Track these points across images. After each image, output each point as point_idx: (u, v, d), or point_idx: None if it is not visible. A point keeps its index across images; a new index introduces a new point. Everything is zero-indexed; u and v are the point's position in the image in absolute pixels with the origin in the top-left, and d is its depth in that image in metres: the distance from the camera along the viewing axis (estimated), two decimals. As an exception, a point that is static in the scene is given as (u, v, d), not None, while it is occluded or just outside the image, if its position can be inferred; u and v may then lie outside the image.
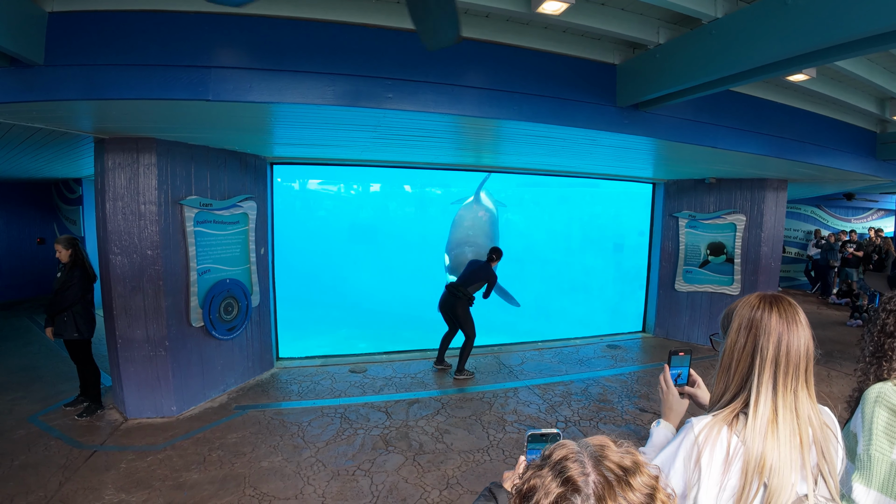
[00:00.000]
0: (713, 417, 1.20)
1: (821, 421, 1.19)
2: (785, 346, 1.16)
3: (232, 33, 3.14)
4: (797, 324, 1.17)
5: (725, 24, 3.06)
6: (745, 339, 1.20)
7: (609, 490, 0.71)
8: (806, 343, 1.17)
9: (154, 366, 4.70)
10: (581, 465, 0.74)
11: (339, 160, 6.51)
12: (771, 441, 1.11)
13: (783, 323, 1.17)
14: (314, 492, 3.64)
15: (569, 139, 4.59)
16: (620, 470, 0.73)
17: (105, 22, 3.05)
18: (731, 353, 1.23)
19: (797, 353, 1.16)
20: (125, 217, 4.51)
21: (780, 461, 1.10)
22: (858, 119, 5.70)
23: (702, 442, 1.16)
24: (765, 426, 1.13)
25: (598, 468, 0.73)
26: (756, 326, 1.19)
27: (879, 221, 14.21)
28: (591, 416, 5.02)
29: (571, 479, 0.72)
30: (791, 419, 1.14)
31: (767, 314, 1.19)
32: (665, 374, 1.53)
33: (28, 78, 3.05)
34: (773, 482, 1.09)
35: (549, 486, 0.73)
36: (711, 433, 1.16)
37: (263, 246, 5.94)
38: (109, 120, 3.86)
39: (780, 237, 7.62)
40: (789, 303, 1.21)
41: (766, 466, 1.10)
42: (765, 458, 1.10)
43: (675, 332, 8.12)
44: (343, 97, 3.32)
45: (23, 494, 3.47)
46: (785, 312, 1.18)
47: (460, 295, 6.13)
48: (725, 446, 1.14)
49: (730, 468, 1.13)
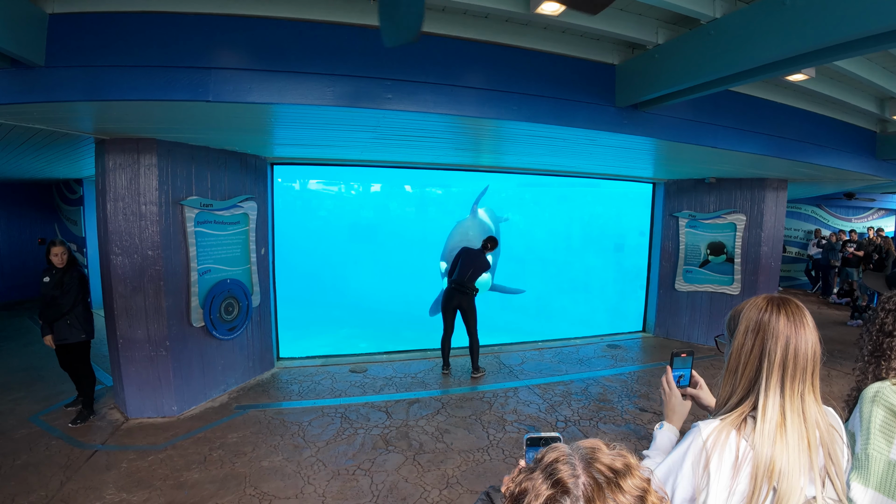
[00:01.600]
0: (721, 422, 1.19)
1: (827, 422, 1.18)
2: (793, 350, 1.15)
3: (232, 34, 3.15)
4: (805, 326, 1.17)
5: (724, 24, 3.06)
6: (752, 342, 1.19)
7: (598, 492, 0.71)
8: (814, 346, 1.16)
9: (155, 366, 4.71)
10: (571, 468, 0.73)
11: (340, 160, 6.52)
12: (780, 445, 1.11)
13: (791, 326, 1.16)
14: (314, 491, 3.65)
15: (568, 139, 4.59)
16: (611, 472, 0.73)
17: (105, 23, 3.06)
18: (738, 355, 1.22)
19: (805, 357, 1.15)
20: (126, 217, 4.52)
21: (789, 465, 1.09)
22: (858, 119, 5.70)
23: (710, 447, 1.15)
24: (773, 430, 1.12)
25: (589, 470, 0.73)
26: (764, 329, 1.18)
27: (880, 221, 14.20)
28: (591, 416, 5.03)
29: (561, 481, 0.72)
30: (799, 423, 1.13)
31: (776, 317, 1.18)
32: (667, 375, 1.53)
33: (29, 79, 3.06)
34: (783, 486, 1.08)
35: (539, 488, 0.73)
36: (720, 438, 1.15)
37: (264, 246, 5.95)
38: (110, 121, 3.87)
39: (780, 237, 7.62)
40: (797, 305, 1.20)
41: (775, 471, 1.09)
42: (774, 462, 1.09)
43: (676, 331, 8.13)
44: (343, 98, 3.33)
45: (24, 494, 3.49)
46: (793, 315, 1.18)
47: (469, 291, 6.11)
48: (734, 451, 1.13)
49: (739, 473, 1.12)
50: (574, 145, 4.94)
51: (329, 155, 6.10)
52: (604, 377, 6.24)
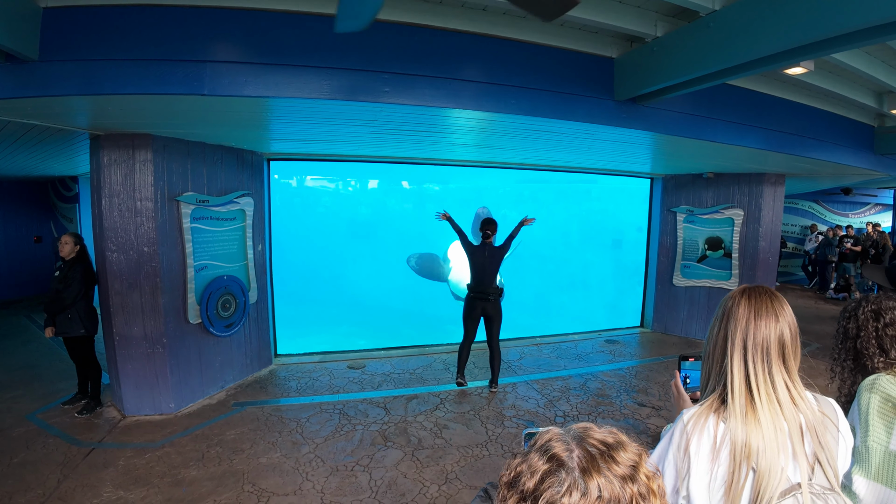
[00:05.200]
0: (700, 406, 1.23)
1: (816, 409, 1.20)
2: (752, 332, 1.19)
3: (227, 27, 3.12)
4: (767, 311, 1.20)
5: (723, 16, 3.05)
6: (718, 327, 1.26)
7: (593, 463, 0.73)
8: (779, 330, 1.19)
9: (152, 363, 4.69)
10: (565, 444, 0.76)
11: (337, 156, 6.48)
12: (752, 424, 1.13)
13: (751, 310, 1.21)
14: (313, 487, 3.64)
15: (567, 133, 4.57)
16: (603, 446, 0.76)
17: (99, 17, 3.02)
18: (711, 341, 1.28)
19: (765, 340, 1.18)
20: (121, 214, 4.49)
21: (764, 444, 1.11)
22: (856, 113, 5.70)
23: (690, 430, 1.19)
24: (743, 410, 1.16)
25: (582, 445, 0.76)
26: (728, 315, 1.24)
27: (877, 216, 14.23)
28: (590, 411, 5.03)
29: (556, 456, 0.74)
30: (769, 403, 1.16)
31: (737, 303, 1.24)
32: (676, 379, 1.55)
33: (23, 74, 3.02)
34: (761, 465, 1.10)
35: (535, 465, 0.75)
36: (699, 422, 1.19)
37: (261, 242, 5.93)
38: (105, 116, 3.84)
39: (777, 232, 7.63)
40: (763, 290, 1.25)
41: (752, 449, 1.11)
42: (749, 440, 1.12)
43: (674, 326, 8.13)
44: (340, 91, 3.30)
45: (21, 492, 3.47)
46: (756, 301, 1.22)
47: (492, 296, 5.34)
48: (713, 433, 1.17)
49: (719, 455, 1.15)
50: (573, 139, 4.92)
51: (326, 150, 6.07)
52: (602, 372, 6.24)
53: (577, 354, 7.00)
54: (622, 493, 0.71)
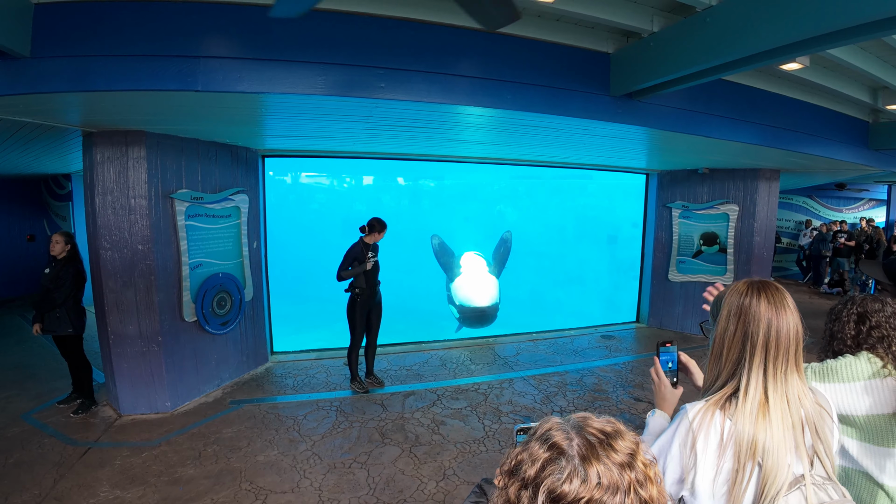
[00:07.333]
0: (706, 402, 1.22)
1: (814, 401, 1.21)
2: (774, 332, 1.17)
3: (221, 22, 3.09)
4: (785, 308, 1.19)
5: (720, 11, 3.04)
6: (734, 326, 1.22)
7: (592, 451, 0.75)
8: (795, 327, 1.19)
9: (147, 361, 4.66)
10: (565, 433, 0.79)
11: (332, 152, 6.46)
12: (762, 423, 1.13)
13: (772, 309, 1.19)
14: (311, 485, 3.63)
15: (562, 129, 4.57)
16: (602, 434, 0.78)
17: (92, 13, 2.99)
18: (722, 340, 1.24)
19: (787, 338, 1.18)
20: (115, 211, 4.46)
21: (773, 442, 1.11)
22: (851, 109, 5.72)
23: (696, 427, 1.18)
24: (756, 409, 1.15)
25: (581, 433, 0.78)
26: (745, 313, 1.21)
27: (871, 211, 14.31)
28: (587, 406, 5.04)
29: (556, 444, 0.77)
30: (781, 401, 1.16)
31: (756, 301, 1.20)
32: (655, 366, 1.54)
33: (14, 71, 2.99)
34: (768, 462, 1.10)
35: (536, 453, 0.77)
36: (706, 418, 1.18)
37: (256, 240, 5.90)
38: (97, 112, 3.80)
39: (772, 227, 7.66)
40: (776, 288, 1.23)
41: (758, 447, 1.11)
42: (756, 438, 1.12)
43: (669, 321, 8.16)
44: (335, 87, 3.28)
45: (17, 492, 3.45)
46: (773, 298, 1.20)
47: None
48: (720, 430, 1.16)
49: (725, 452, 1.15)
50: (568, 135, 4.91)
51: (321, 146, 6.04)
52: (598, 367, 6.26)
53: (573, 350, 7.02)
54: (620, 480, 0.74)
